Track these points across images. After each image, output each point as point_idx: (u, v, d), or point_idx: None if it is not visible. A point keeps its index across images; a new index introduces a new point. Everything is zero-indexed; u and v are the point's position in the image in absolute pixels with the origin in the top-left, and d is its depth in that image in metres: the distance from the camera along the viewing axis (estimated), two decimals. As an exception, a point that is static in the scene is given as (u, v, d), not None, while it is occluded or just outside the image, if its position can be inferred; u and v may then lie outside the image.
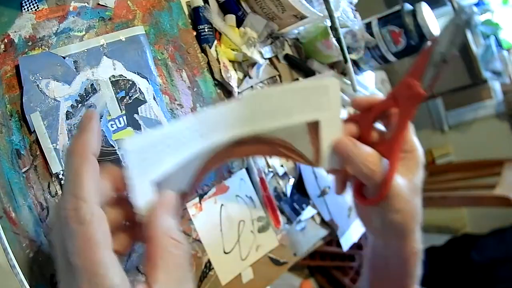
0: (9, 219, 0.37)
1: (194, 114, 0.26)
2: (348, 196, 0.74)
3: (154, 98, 0.49)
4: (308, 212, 0.66)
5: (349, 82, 0.77)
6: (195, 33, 0.57)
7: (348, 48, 0.75)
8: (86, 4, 0.47)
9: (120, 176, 0.25)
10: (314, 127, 0.31)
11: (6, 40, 0.40)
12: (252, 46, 0.61)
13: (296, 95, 0.29)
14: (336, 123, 0.31)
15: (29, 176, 0.39)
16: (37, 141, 0.40)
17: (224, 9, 0.62)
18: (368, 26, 0.80)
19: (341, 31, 0.67)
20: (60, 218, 0.23)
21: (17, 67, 0.40)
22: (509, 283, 1.31)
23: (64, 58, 0.43)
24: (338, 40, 0.68)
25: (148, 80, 0.49)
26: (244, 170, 0.58)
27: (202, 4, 0.57)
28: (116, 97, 0.46)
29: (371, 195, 0.36)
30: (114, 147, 0.44)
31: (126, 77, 0.47)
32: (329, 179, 0.70)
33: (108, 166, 0.26)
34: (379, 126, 0.37)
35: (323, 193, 0.69)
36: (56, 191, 0.40)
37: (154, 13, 0.52)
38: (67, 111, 0.42)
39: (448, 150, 2.16)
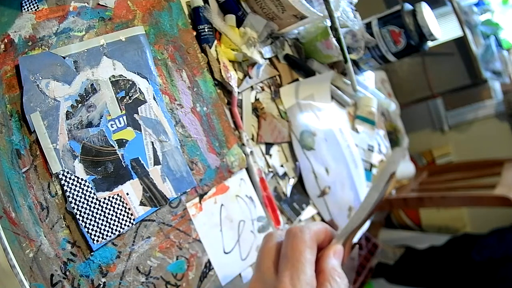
0: (9, 219, 0.37)
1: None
2: (348, 196, 0.74)
3: (154, 98, 0.49)
4: (308, 212, 0.66)
5: (349, 82, 0.78)
6: (195, 33, 0.57)
7: (348, 48, 0.75)
8: (86, 4, 0.47)
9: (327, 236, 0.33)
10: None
11: (6, 40, 0.40)
12: (252, 46, 0.61)
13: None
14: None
15: (29, 176, 0.39)
16: (37, 141, 0.40)
17: (224, 9, 0.62)
18: (368, 26, 0.80)
19: (341, 31, 0.67)
20: None
21: (17, 67, 0.40)
22: (509, 283, 1.31)
23: (64, 58, 0.43)
24: (338, 40, 0.68)
25: (148, 80, 0.49)
26: (244, 170, 0.58)
27: (202, 4, 0.57)
28: (116, 97, 0.46)
29: None
30: (114, 147, 0.44)
31: (126, 77, 0.47)
32: (329, 179, 0.70)
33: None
34: None
35: (323, 193, 0.69)
36: (56, 191, 0.40)
37: (154, 13, 0.52)
38: (67, 111, 0.42)
39: (448, 150, 2.15)
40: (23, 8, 0.42)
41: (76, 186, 0.41)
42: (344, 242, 0.33)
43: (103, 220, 0.42)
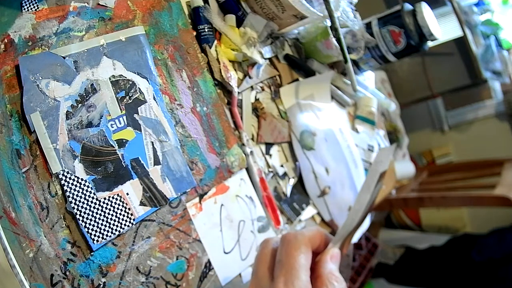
0: (9, 219, 0.37)
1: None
2: (348, 196, 0.74)
3: (154, 98, 0.49)
4: (308, 212, 0.66)
5: (349, 82, 0.78)
6: (195, 33, 0.57)
7: (348, 48, 0.75)
8: (86, 4, 0.47)
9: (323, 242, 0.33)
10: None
11: (6, 40, 0.40)
12: (252, 46, 0.61)
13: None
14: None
15: (29, 176, 0.39)
16: (37, 141, 0.40)
17: (224, 9, 0.62)
18: (368, 26, 0.80)
19: (341, 31, 0.67)
20: None
21: (17, 67, 0.40)
22: (509, 283, 1.31)
23: (64, 58, 0.43)
24: (338, 40, 0.68)
25: (148, 80, 0.49)
26: (244, 170, 0.58)
27: (202, 4, 0.57)
28: (116, 97, 0.46)
29: None
30: (114, 147, 0.44)
31: (126, 77, 0.47)
32: (329, 179, 0.70)
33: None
34: None
35: (323, 193, 0.69)
36: (56, 191, 0.40)
37: (154, 13, 0.52)
38: (67, 111, 0.42)
39: (448, 150, 2.15)
40: (23, 8, 0.42)
41: (76, 186, 0.41)
42: (341, 246, 0.33)
43: (103, 220, 0.42)
